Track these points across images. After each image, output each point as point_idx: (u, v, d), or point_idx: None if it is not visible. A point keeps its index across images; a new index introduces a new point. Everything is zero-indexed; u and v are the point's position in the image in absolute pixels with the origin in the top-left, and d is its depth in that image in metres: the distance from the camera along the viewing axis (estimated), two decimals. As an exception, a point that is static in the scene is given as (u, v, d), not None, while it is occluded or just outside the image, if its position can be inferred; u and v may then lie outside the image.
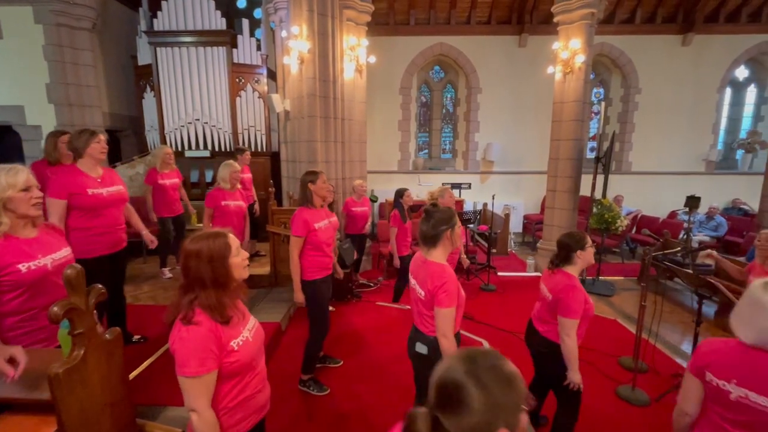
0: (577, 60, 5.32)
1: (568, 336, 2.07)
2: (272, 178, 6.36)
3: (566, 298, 2.07)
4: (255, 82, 6.51)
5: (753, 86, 9.15)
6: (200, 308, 1.29)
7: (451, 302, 1.78)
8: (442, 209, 1.93)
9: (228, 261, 1.34)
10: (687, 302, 5.07)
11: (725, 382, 1.27)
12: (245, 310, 1.48)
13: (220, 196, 3.81)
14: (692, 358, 1.42)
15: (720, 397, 1.29)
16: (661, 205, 8.61)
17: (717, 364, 1.31)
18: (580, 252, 2.17)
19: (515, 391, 0.79)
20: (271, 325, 3.80)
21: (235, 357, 1.32)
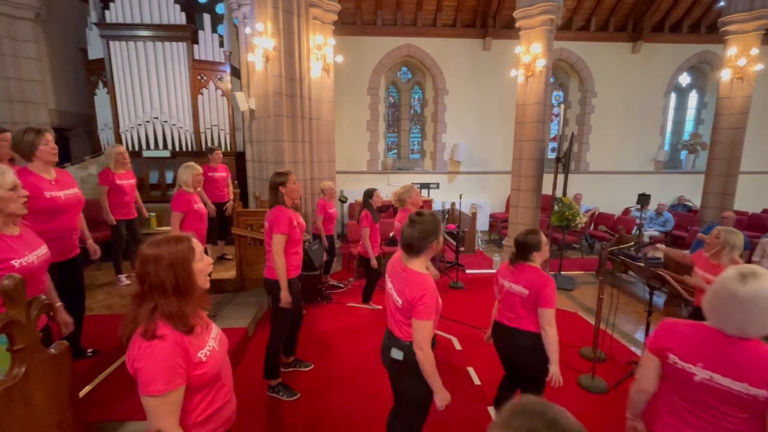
0: (538, 64, 5.53)
1: (550, 326, 2.18)
2: (237, 178, 6.16)
3: (545, 290, 2.18)
4: (218, 80, 6.28)
5: (694, 92, 9.92)
6: (162, 319, 1.20)
7: (429, 315, 1.72)
8: (428, 218, 1.81)
9: (191, 266, 1.26)
10: (640, 293, 5.40)
11: (691, 365, 1.33)
12: (207, 319, 1.41)
13: (190, 199, 3.60)
14: (653, 339, 1.47)
15: (682, 378, 1.36)
16: (616, 203, 9.14)
17: (682, 348, 1.37)
18: (537, 253, 2.31)
19: None
20: (238, 331, 3.68)
21: (203, 368, 1.24)
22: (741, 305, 1.25)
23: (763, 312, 1.24)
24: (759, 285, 1.23)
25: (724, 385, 1.27)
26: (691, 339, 1.37)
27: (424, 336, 1.73)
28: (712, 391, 1.30)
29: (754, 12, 5.92)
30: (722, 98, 6.46)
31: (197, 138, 6.22)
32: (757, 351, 1.26)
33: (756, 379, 1.22)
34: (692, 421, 1.36)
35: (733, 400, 1.26)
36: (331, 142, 5.84)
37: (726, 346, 1.29)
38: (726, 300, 1.28)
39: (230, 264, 5.08)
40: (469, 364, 3.53)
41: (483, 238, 8.62)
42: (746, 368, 1.24)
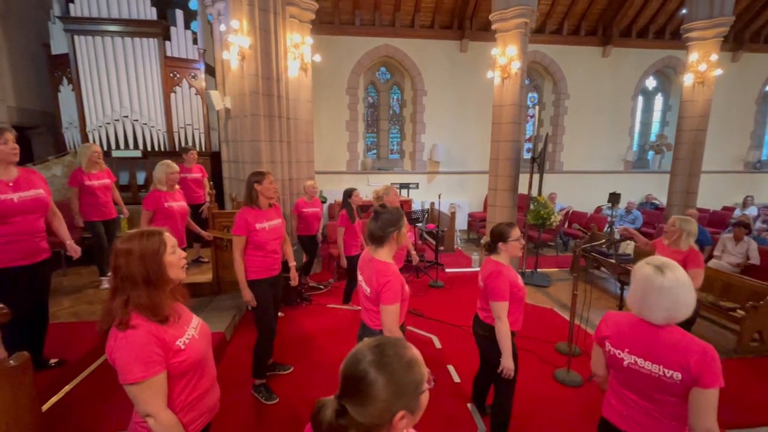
0: (514, 66, 5.65)
1: (499, 319, 2.23)
2: (213, 179, 6.01)
3: (492, 283, 2.24)
4: (191, 78, 6.10)
5: (660, 95, 10.38)
6: (135, 310, 1.24)
7: (395, 299, 1.85)
8: (390, 210, 1.96)
9: (162, 258, 1.29)
10: (611, 289, 5.60)
11: (620, 350, 1.48)
12: (186, 310, 1.44)
13: (162, 198, 3.57)
14: (597, 329, 1.62)
15: (615, 363, 1.51)
16: (589, 201, 9.45)
17: (615, 336, 1.51)
18: (502, 244, 2.32)
19: (415, 375, 0.84)
20: (215, 336, 3.58)
21: (183, 356, 1.29)
22: (656, 293, 1.37)
23: (675, 300, 1.36)
24: (670, 277, 1.37)
25: (645, 368, 1.40)
26: (622, 327, 1.50)
27: (392, 320, 1.86)
28: (638, 375, 1.43)
29: (713, 20, 6.24)
30: (685, 101, 6.78)
31: (170, 137, 6.02)
32: (672, 336, 1.38)
33: (671, 362, 1.34)
34: (630, 404, 1.48)
35: (657, 384, 1.38)
36: (310, 142, 5.78)
37: (648, 332, 1.42)
38: (643, 289, 1.41)
39: (206, 267, 4.95)
40: (449, 362, 3.56)
41: (462, 237, 8.73)
42: (662, 352, 1.37)
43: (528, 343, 3.82)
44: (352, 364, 0.84)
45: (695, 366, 1.30)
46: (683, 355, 1.33)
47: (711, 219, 8.25)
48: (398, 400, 0.81)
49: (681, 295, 1.37)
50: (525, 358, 3.27)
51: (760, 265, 5.00)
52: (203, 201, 5.12)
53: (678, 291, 1.36)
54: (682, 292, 1.37)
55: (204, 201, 5.13)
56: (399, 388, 0.82)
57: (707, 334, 4.19)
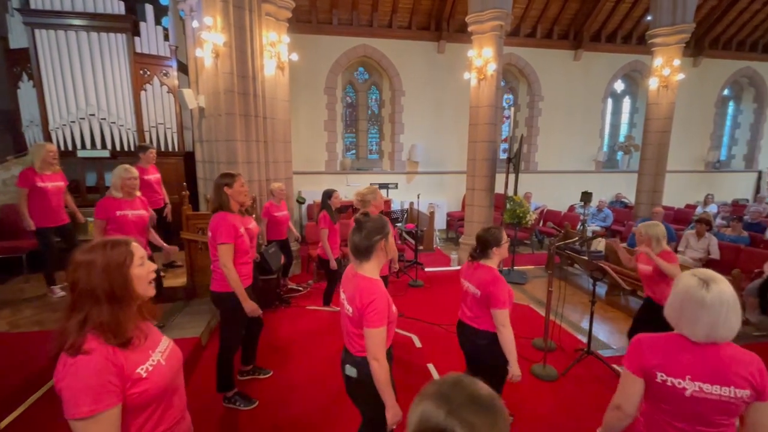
0: (490, 68, 5.76)
1: (504, 326, 2.19)
2: (186, 180, 5.84)
3: (495, 291, 2.19)
4: (163, 75, 5.91)
5: (628, 98, 10.82)
6: (92, 332, 1.08)
7: (381, 321, 1.63)
8: (373, 218, 1.77)
9: (129, 271, 1.16)
10: (585, 285, 5.79)
11: (680, 379, 1.29)
12: (154, 330, 1.30)
13: (114, 205, 3.26)
14: (633, 358, 1.40)
15: (673, 395, 1.31)
16: (562, 200, 9.74)
17: (669, 363, 1.32)
18: (496, 248, 2.33)
19: (500, 417, 0.73)
20: (190, 341, 3.49)
21: (143, 386, 1.13)
22: (708, 311, 1.26)
23: (727, 315, 1.25)
24: (719, 289, 1.26)
25: (713, 393, 1.26)
26: (675, 352, 1.33)
27: (377, 345, 1.63)
28: (703, 403, 1.28)
29: (676, 26, 6.56)
30: (651, 104, 7.09)
31: (141, 137, 5.80)
32: (730, 353, 1.27)
33: (739, 381, 1.24)
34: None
35: (723, 407, 1.26)
36: (287, 141, 5.70)
37: (702, 352, 1.29)
38: (693, 307, 1.28)
39: (180, 271, 4.79)
40: (429, 361, 3.59)
41: (441, 236, 8.82)
42: (727, 371, 1.25)
43: (506, 339, 3.89)
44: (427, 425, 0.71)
45: (759, 380, 1.23)
46: (748, 369, 1.24)
47: (675, 216, 8.66)
48: None
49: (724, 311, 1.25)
50: (503, 355, 3.33)
51: (720, 259, 5.29)
52: (163, 204, 4.85)
53: (720, 307, 1.25)
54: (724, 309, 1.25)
55: (165, 203, 4.87)
56: None
57: (673, 326, 4.40)
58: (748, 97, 11.23)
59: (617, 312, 4.88)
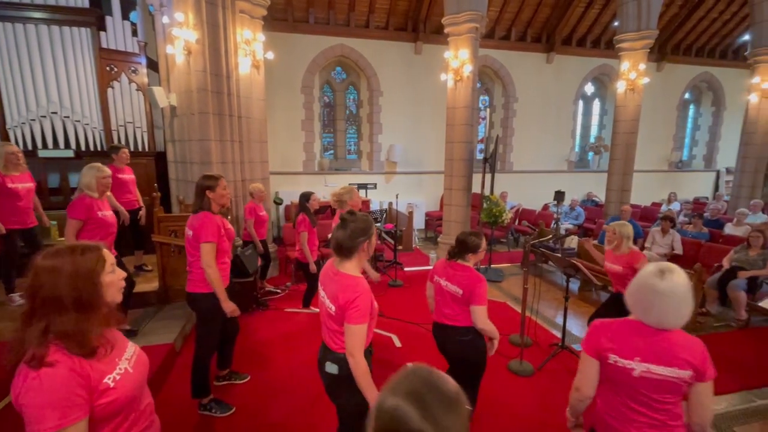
0: (466, 69, 5.84)
1: (484, 322, 2.33)
2: (158, 181, 5.64)
3: (478, 289, 2.30)
4: (131, 72, 5.68)
5: (597, 100, 11.23)
6: (55, 342, 1.03)
7: (363, 318, 1.65)
8: (360, 218, 1.77)
9: (99, 279, 1.11)
10: (559, 281, 5.97)
11: (630, 360, 1.40)
12: (120, 336, 1.25)
13: (95, 206, 3.17)
14: (589, 341, 1.50)
15: (622, 375, 1.42)
16: (536, 199, 10.00)
17: (620, 345, 1.42)
18: (473, 255, 2.43)
19: (464, 411, 0.77)
20: (163, 347, 3.38)
21: (111, 395, 1.09)
22: (660, 298, 1.36)
23: (678, 304, 1.36)
24: (674, 280, 1.36)
25: (659, 373, 1.37)
26: (627, 336, 1.43)
27: (356, 342, 1.65)
28: (649, 383, 1.39)
29: (641, 32, 6.85)
30: (618, 106, 7.38)
31: (108, 136, 5.56)
32: (677, 337, 1.39)
33: (682, 363, 1.35)
34: (633, 417, 1.43)
35: (668, 387, 1.37)
36: (264, 141, 5.60)
37: (653, 336, 1.40)
38: (647, 293, 1.39)
39: (151, 275, 4.63)
40: (409, 360, 3.59)
41: (419, 236, 8.89)
42: (672, 354, 1.36)
43: (484, 336, 3.96)
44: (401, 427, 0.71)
45: (700, 361, 1.34)
46: (690, 353, 1.35)
47: (642, 214, 9.05)
48: None
49: (675, 301, 1.35)
50: (481, 352, 3.38)
51: (683, 254, 5.57)
52: (137, 206, 4.68)
53: (672, 297, 1.35)
54: (676, 299, 1.35)
55: (139, 206, 4.70)
56: None
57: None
58: (707, 101, 11.88)
59: (590, 307, 5.05)
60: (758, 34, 7.62)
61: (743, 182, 8.17)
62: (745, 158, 8.11)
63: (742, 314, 4.50)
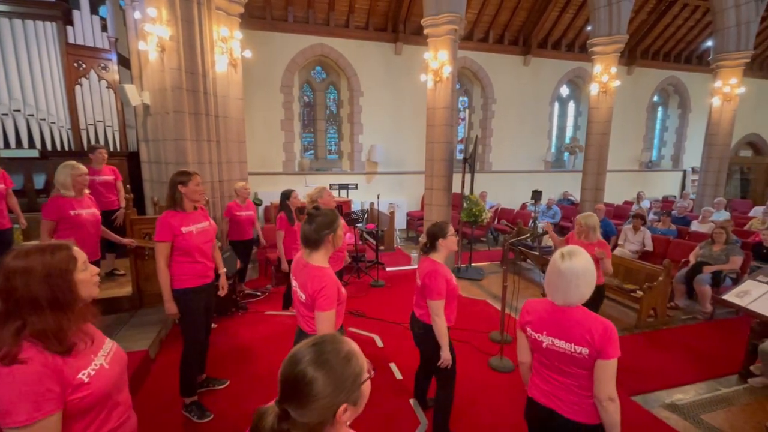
0: (445, 71, 5.90)
1: (437, 316, 2.33)
2: (130, 182, 5.44)
3: (430, 282, 2.32)
4: (101, 69, 5.46)
5: (572, 102, 11.55)
6: (30, 339, 1.05)
7: (331, 305, 1.79)
8: (325, 212, 1.91)
9: (72, 277, 1.13)
10: (537, 278, 6.11)
11: (540, 334, 1.62)
12: (98, 332, 1.26)
13: (67, 205, 3.10)
14: (521, 317, 1.75)
15: (536, 345, 1.65)
16: (515, 199, 10.21)
17: (534, 321, 1.65)
18: (442, 240, 2.44)
19: (354, 367, 0.85)
20: (138, 354, 3.26)
21: (86, 390, 1.11)
22: (561, 276, 1.54)
23: (576, 281, 1.52)
24: (573, 262, 1.53)
25: (560, 347, 1.56)
26: (540, 312, 1.65)
27: (327, 326, 1.79)
28: (555, 354, 1.59)
29: (612, 37, 7.09)
30: (592, 108, 7.62)
31: (76, 135, 5.34)
32: (577, 316, 1.55)
33: (579, 338, 1.51)
34: (551, 381, 1.64)
35: (570, 360, 1.55)
36: (242, 141, 5.49)
37: (559, 314, 1.58)
38: (552, 275, 1.58)
39: (124, 280, 4.47)
40: (392, 360, 3.61)
41: (401, 236, 8.91)
42: (571, 330, 1.53)
43: (464, 334, 4.01)
44: (291, 366, 0.84)
45: (599, 340, 1.47)
46: (588, 331, 1.49)
47: (615, 212, 9.37)
48: (339, 394, 0.82)
49: (574, 280, 1.52)
50: (462, 349, 3.42)
51: (653, 251, 5.80)
52: (117, 207, 4.59)
53: (571, 276, 1.52)
54: (574, 278, 1.52)
55: (118, 207, 4.60)
56: (339, 382, 0.83)
57: (614, 314, 4.76)
58: (674, 104, 12.42)
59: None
60: (720, 41, 8.02)
61: (707, 181, 8.58)
62: (709, 158, 8.52)
63: (708, 307, 4.73)
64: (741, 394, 3.23)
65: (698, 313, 4.81)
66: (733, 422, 2.88)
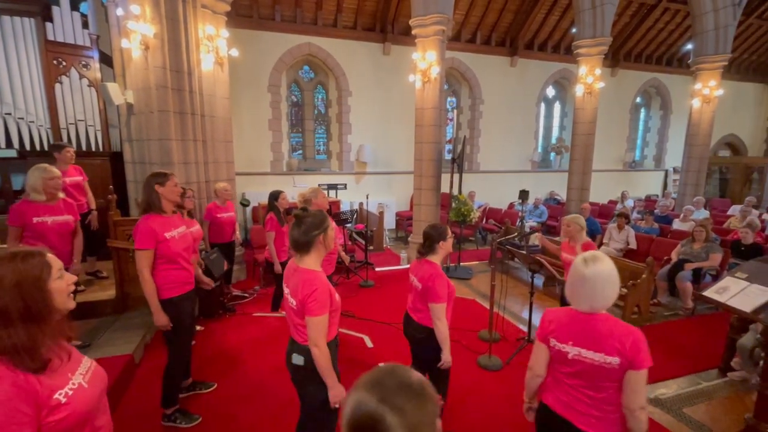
0: (433, 71, 5.93)
1: (439, 320, 2.30)
2: (114, 182, 5.32)
3: (433, 285, 2.29)
4: (82, 67, 5.33)
5: (558, 103, 11.73)
6: (2, 356, 0.97)
7: (322, 310, 1.72)
8: (313, 213, 1.85)
9: (47, 286, 1.04)
10: (524, 277, 6.18)
11: (565, 344, 1.55)
12: (73, 349, 1.18)
13: (31, 211, 2.90)
14: (539, 329, 1.66)
15: (561, 356, 1.57)
16: (502, 198, 10.32)
17: (558, 331, 1.58)
18: (442, 242, 2.42)
19: (429, 401, 0.77)
20: (122, 359, 3.19)
21: (63, 412, 1.02)
22: (586, 283, 1.49)
23: (602, 286, 1.48)
24: (598, 266, 1.49)
25: (588, 358, 1.49)
26: (563, 321, 1.58)
27: (318, 332, 1.73)
28: (581, 365, 1.51)
29: (596, 39, 7.22)
30: (577, 109, 7.74)
31: (56, 135, 5.19)
32: (605, 323, 1.49)
33: (608, 348, 1.44)
34: (570, 391, 1.57)
35: (598, 370, 1.47)
36: (229, 141, 5.42)
37: (585, 323, 1.52)
38: (576, 281, 1.53)
39: (107, 282, 4.36)
40: (381, 360, 3.59)
41: (390, 236, 8.92)
42: (600, 339, 1.47)
43: (454, 333, 3.97)
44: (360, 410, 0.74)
45: (630, 350, 1.41)
46: (618, 340, 1.43)
47: (600, 211, 9.55)
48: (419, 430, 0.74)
49: (600, 285, 1.47)
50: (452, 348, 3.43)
51: (637, 249, 5.92)
52: (87, 209, 4.34)
53: (597, 281, 1.47)
54: (600, 283, 1.47)
55: (88, 209, 4.36)
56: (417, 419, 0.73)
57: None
58: (656, 105, 12.72)
59: (554, 301, 5.26)
60: (699, 44, 8.24)
61: (688, 180, 8.81)
62: (690, 158, 8.75)
63: (689, 303, 4.85)
64: (721, 388, 3.32)
65: (680, 309, 4.93)
66: (714, 415, 2.96)
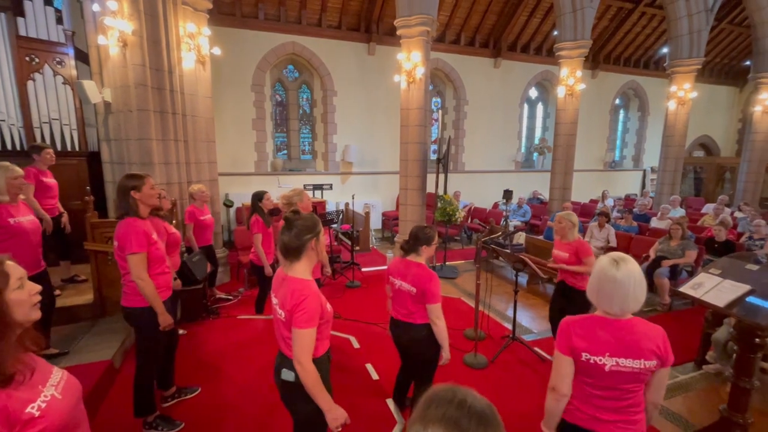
0: (418, 72, 5.95)
1: (438, 319, 2.34)
2: (91, 183, 5.16)
3: (431, 287, 2.32)
4: (56, 64, 5.14)
5: (540, 104, 11.94)
6: None
7: (309, 323, 1.57)
8: (304, 216, 1.72)
9: (3, 297, 1.00)
10: (508, 276, 6.27)
11: (601, 357, 1.45)
12: (41, 361, 1.13)
13: (5, 212, 2.81)
14: (562, 340, 1.53)
15: (595, 370, 1.46)
16: (487, 198, 10.45)
17: (590, 343, 1.47)
18: (426, 247, 2.45)
19: (499, 425, 0.74)
20: (100, 365, 3.10)
21: (39, 425, 0.98)
22: (619, 285, 1.44)
23: (635, 288, 1.44)
24: (629, 267, 1.45)
25: (627, 366, 1.44)
26: (594, 333, 1.48)
27: (303, 347, 1.56)
28: (619, 375, 1.45)
29: (577, 42, 7.38)
30: (559, 110, 7.90)
31: (29, 134, 4.99)
32: (638, 327, 1.46)
33: (647, 353, 1.43)
34: (601, 404, 1.50)
35: (635, 377, 1.45)
36: (211, 141, 5.33)
37: (617, 330, 1.46)
38: (607, 284, 1.46)
39: (85, 286, 4.23)
40: (368, 361, 3.60)
41: (376, 236, 8.92)
42: (637, 346, 1.43)
43: (440, 332, 4.05)
44: None
45: (663, 350, 1.44)
46: (654, 342, 1.43)
47: (581, 210, 9.76)
48: None
49: (632, 286, 1.43)
50: (438, 348, 3.46)
51: (617, 246, 6.07)
52: (59, 212, 4.19)
53: (630, 283, 1.43)
54: (632, 285, 1.43)
55: (59, 212, 4.20)
56: None
57: (582, 308, 4.95)
58: (634, 107, 13.09)
59: (537, 299, 5.35)
60: (675, 48, 8.52)
61: (664, 180, 9.08)
62: (666, 158, 9.03)
63: (666, 299, 5.01)
64: (697, 381, 3.44)
65: (658, 305, 5.08)
66: (690, 407, 3.06)
